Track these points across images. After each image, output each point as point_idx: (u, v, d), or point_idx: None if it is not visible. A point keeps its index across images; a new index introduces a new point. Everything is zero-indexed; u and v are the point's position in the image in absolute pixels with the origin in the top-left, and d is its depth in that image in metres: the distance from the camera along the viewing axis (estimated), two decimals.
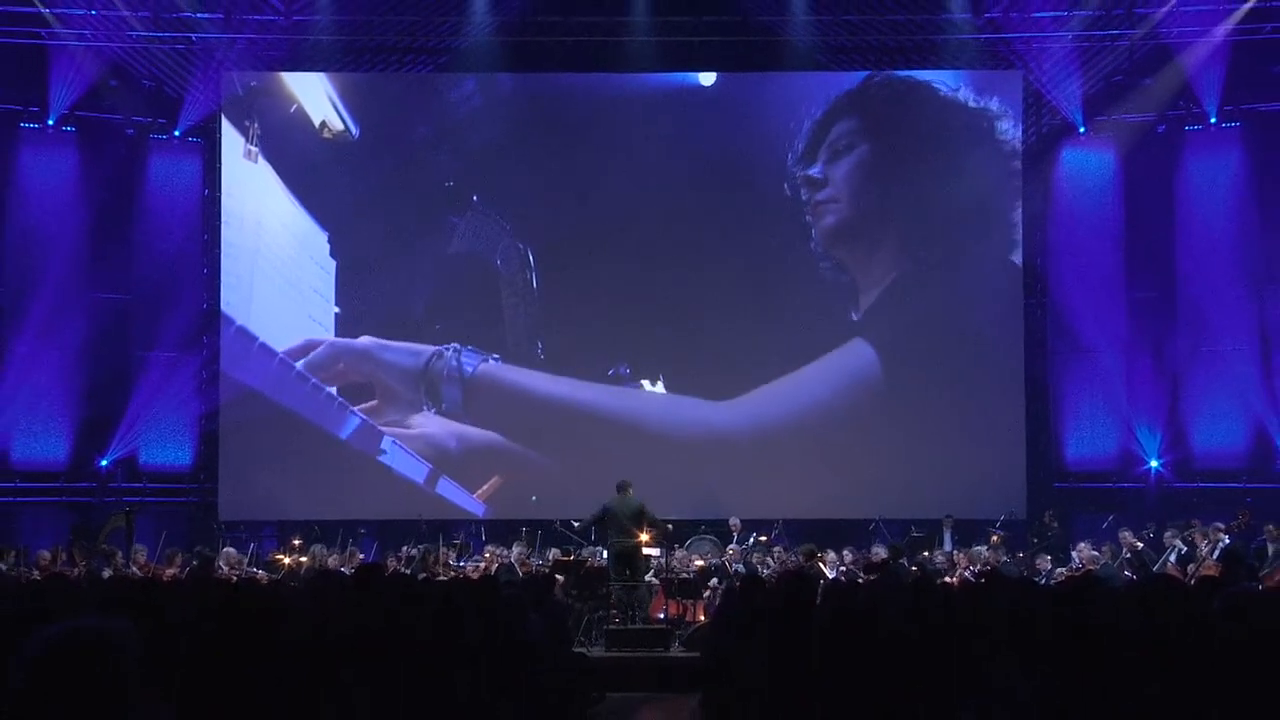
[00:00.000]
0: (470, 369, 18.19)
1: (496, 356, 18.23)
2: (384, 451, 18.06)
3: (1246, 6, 16.94)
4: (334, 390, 18.14)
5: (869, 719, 4.91)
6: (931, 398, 17.82)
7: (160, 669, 4.31)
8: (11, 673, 2.95)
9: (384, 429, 18.09)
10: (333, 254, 18.28)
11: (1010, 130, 18.13)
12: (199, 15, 17.65)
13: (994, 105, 18.13)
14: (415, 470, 18.04)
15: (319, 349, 18.16)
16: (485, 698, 5.27)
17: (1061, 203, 18.66)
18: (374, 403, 18.13)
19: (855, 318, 18.13)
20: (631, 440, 17.76)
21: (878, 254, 18.11)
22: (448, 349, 18.22)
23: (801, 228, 18.14)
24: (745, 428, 18.01)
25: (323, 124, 18.35)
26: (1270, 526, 14.81)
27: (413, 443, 18.12)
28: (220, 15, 17.78)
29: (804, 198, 18.11)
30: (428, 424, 18.22)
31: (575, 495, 16.69)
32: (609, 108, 18.56)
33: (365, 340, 18.23)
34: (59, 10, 17.22)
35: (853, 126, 18.14)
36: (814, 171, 18.08)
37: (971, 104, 18.17)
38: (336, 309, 18.30)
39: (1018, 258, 18.16)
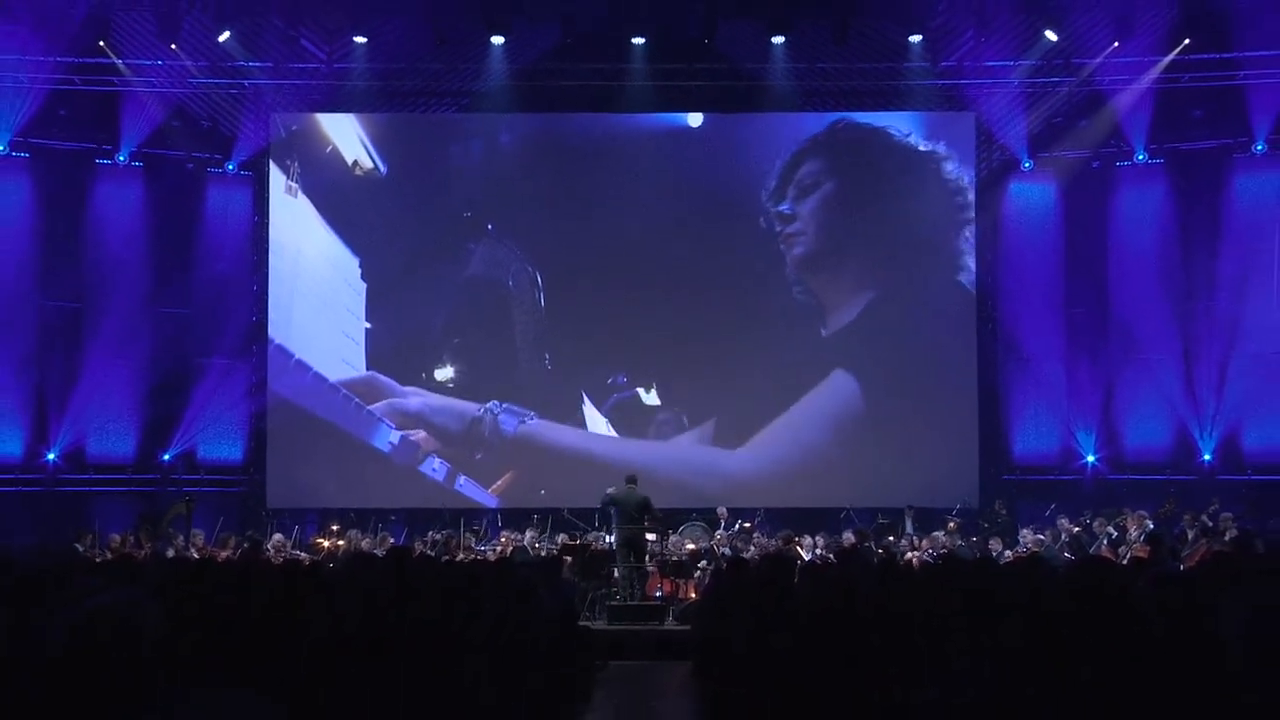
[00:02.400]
0: (510, 429, 18.06)
1: (533, 415, 18.10)
2: (411, 456, 18.06)
3: (1168, 59, 17.04)
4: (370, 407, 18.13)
5: (842, 684, 4.91)
6: (896, 403, 17.78)
7: (209, 638, 4.30)
8: (45, 645, 2.93)
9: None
10: (363, 277, 18.24)
11: (956, 169, 18.13)
12: (250, 63, 17.71)
13: (941, 148, 18.11)
14: (436, 471, 18.03)
15: (381, 404, 18.03)
16: (501, 666, 5.26)
17: (1009, 230, 18.70)
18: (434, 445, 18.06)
19: (824, 334, 18.10)
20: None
21: (843, 279, 18.08)
22: (486, 410, 18.04)
23: (775, 253, 18.11)
24: (736, 435, 18.03)
25: (354, 163, 18.34)
26: (1188, 515, 14.88)
27: (438, 452, 18.11)
28: (270, 64, 17.82)
29: (776, 229, 18.09)
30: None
31: (580, 490, 16.66)
32: (609, 145, 18.53)
33: (415, 402, 18.10)
34: (130, 61, 17.34)
35: (818, 166, 18.09)
36: (784, 208, 18.07)
37: (922, 147, 18.15)
38: (367, 324, 18.25)
39: (969, 280, 18.17)
